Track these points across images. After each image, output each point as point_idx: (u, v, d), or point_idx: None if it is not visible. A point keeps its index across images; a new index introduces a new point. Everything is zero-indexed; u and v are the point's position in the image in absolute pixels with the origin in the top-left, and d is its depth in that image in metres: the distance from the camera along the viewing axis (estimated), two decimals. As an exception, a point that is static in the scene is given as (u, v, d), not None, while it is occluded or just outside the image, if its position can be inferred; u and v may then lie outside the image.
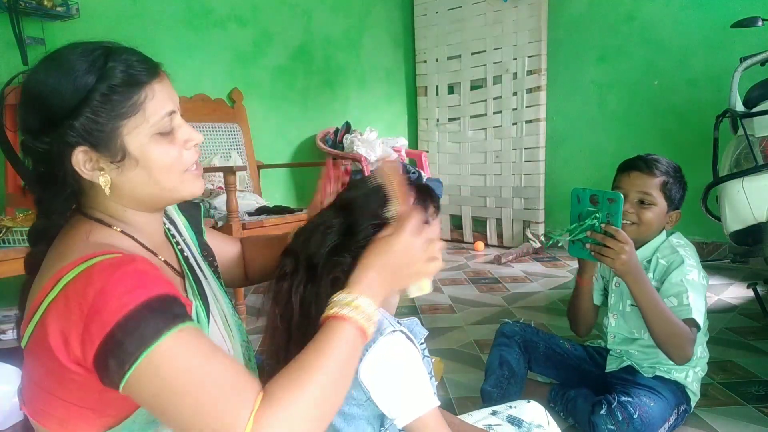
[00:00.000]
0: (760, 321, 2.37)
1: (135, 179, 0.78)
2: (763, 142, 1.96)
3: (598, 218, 1.38)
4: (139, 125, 0.76)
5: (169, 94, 0.80)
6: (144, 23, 2.96)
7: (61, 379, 0.70)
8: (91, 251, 0.71)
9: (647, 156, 1.56)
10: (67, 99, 0.73)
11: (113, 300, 0.65)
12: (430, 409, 0.85)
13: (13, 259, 1.79)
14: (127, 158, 0.76)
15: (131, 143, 0.76)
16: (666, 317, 1.37)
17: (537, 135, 3.91)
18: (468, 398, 1.77)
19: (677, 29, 3.51)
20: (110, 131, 0.75)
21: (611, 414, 1.40)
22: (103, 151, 0.75)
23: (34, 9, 2.40)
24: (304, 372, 0.68)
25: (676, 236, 1.56)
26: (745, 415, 1.63)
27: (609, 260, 1.36)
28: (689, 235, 1.69)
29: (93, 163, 0.76)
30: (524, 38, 3.88)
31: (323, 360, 0.70)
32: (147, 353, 0.63)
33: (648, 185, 1.50)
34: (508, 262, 3.73)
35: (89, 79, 0.73)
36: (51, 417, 0.75)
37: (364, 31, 4.24)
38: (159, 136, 0.78)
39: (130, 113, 0.75)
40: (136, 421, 0.73)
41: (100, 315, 0.64)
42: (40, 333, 0.70)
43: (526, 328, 1.70)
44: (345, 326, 0.74)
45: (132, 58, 0.77)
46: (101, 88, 0.73)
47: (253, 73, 3.54)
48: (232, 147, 3.26)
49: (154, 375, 0.64)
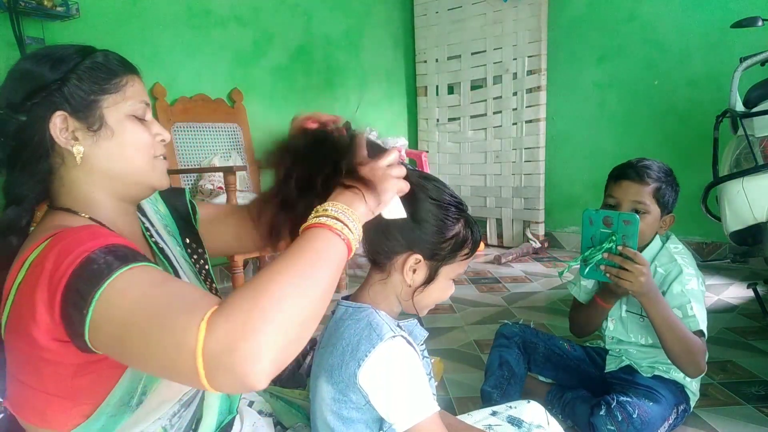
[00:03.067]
0: (760, 321, 2.37)
1: (108, 152, 0.82)
2: (763, 142, 1.96)
3: (614, 240, 1.34)
4: (118, 103, 0.83)
5: (144, 91, 0.88)
6: (144, 23, 2.96)
7: (37, 365, 0.72)
8: (54, 230, 0.73)
9: (638, 162, 1.52)
10: (57, 68, 0.80)
11: (69, 256, 0.67)
12: (429, 415, 0.85)
13: None
14: (103, 128, 0.82)
15: (109, 116, 0.82)
16: (681, 335, 1.37)
17: (537, 135, 3.91)
18: (468, 398, 1.77)
19: (677, 29, 3.51)
20: (92, 101, 0.81)
21: (611, 414, 1.40)
22: (81, 118, 0.80)
23: (34, 9, 2.40)
24: (264, 276, 0.63)
25: (673, 241, 1.55)
26: (745, 415, 1.63)
27: (628, 283, 1.34)
28: (689, 236, 1.69)
29: (69, 132, 0.80)
30: (524, 38, 3.88)
31: (284, 263, 0.65)
32: (101, 292, 0.64)
33: (640, 194, 1.47)
34: (508, 262, 3.73)
35: (78, 57, 0.81)
36: (31, 410, 0.76)
37: (364, 31, 4.24)
38: (135, 118, 0.85)
39: (112, 90, 0.82)
40: (110, 404, 0.75)
41: (57, 272, 0.66)
42: (14, 318, 0.72)
43: (525, 329, 1.70)
44: (312, 231, 0.71)
45: (114, 55, 0.85)
46: (88, 62, 0.81)
47: (253, 73, 3.54)
48: (232, 147, 3.26)
49: (110, 312, 0.64)
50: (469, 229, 0.94)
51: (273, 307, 0.59)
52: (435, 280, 0.93)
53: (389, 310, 0.94)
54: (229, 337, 0.56)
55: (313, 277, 0.65)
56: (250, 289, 0.61)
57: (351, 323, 0.90)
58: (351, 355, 0.86)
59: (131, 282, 0.65)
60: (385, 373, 0.84)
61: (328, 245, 0.69)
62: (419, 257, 0.91)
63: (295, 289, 0.62)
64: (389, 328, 0.87)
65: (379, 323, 0.88)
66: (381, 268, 0.94)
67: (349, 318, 0.91)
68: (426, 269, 0.92)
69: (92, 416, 0.75)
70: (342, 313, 0.94)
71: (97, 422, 0.75)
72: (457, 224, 0.92)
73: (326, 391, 0.89)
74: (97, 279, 0.64)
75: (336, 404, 0.88)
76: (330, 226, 0.70)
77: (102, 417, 0.75)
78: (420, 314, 0.97)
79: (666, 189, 1.50)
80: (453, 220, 0.91)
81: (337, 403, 0.88)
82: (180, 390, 0.83)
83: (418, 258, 0.91)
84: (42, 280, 0.67)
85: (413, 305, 0.95)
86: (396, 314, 0.97)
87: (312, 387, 0.95)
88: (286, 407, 1.09)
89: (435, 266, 0.92)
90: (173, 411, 0.83)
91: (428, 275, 0.92)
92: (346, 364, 0.86)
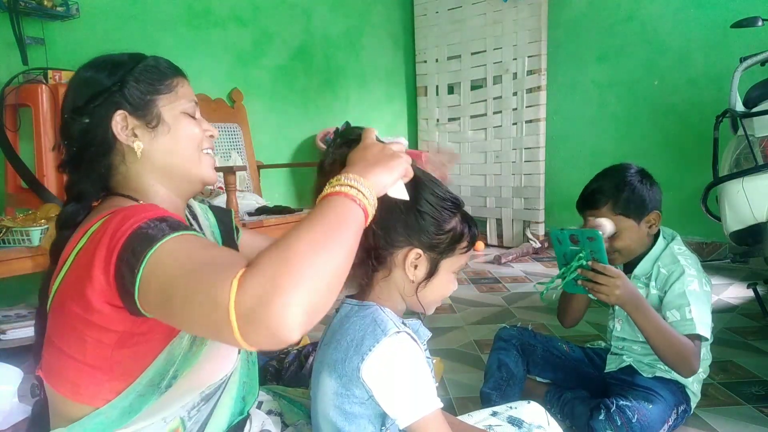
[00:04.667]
0: (760, 321, 2.37)
1: (165, 146, 0.91)
2: (763, 142, 1.96)
3: (582, 257, 1.39)
4: (172, 102, 0.92)
5: (192, 93, 0.97)
6: (144, 23, 2.96)
7: (82, 332, 0.76)
8: (114, 209, 0.79)
9: (586, 189, 1.55)
10: (114, 73, 0.89)
11: (128, 222, 0.73)
12: (432, 411, 0.85)
13: (13, 259, 1.79)
14: (161, 124, 0.90)
15: (166, 113, 0.91)
16: (670, 339, 1.37)
17: (537, 135, 3.91)
18: (468, 398, 1.77)
19: (677, 29, 3.51)
20: (148, 100, 0.90)
21: (610, 419, 1.40)
22: (140, 116, 0.89)
23: (34, 9, 2.40)
24: (290, 237, 0.65)
25: (677, 242, 1.54)
26: (745, 415, 1.63)
27: (604, 296, 1.37)
28: (689, 235, 1.69)
29: (129, 130, 0.88)
30: (524, 38, 3.88)
31: (308, 225, 0.67)
32: (152, 252, 0.69)
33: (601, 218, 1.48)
34: (508, 262, 3.73)
35: (132, 63, 0.91)
36: (64, 380, 0.80)
37: (364, 31, 4.24)
38: (187, 116, 0.94)
39: (165, 90, 0.92)
40: (142, 383, 0.79)
41: (117, 233, 0.73)
42: (69, 282, 0.78)
43: (523, 332, 1.70)
44: (329, 199, 0.73)
45: (164, 60, 0.95)
46: (142, 67, 0.91)
47: (253, 73, 3.54)
48: (232, 147, 3.26)
49: (159, 270, 0.68)
50: (465, 223, 0.96)
51: (302, 263, 0.61)
52: (437, 274, 0.94)
53: (394, 308, 0.95)
54: (261, 291, 0.58)
55: (337, 237, 0.67)
56: (278, 248, 0.63)
57: (356, 320, 0.91)
58: (355, 349, 0.86)
59: (179, 245, 0.70)
60: (388, 368, 0.85)
61: (347, 210, 0.72)
62: (419, 252, 0.92)
63: (321, 247, 0.64)
64: (394, 324, 0.88)
65: (383, 319, 0.89)
66: (381, 265, 0.94)
67: (354, 315, 0.92)
68: (427, 263, 0.93)
69: (122, 393, 0.78)
70: (347, 311, 0.94)
71: (125, 400, 0.79)
72: (455, 218, 0.94)
73: (329, 385, 0.90)
74: (149, 241, 0.70)
75: (339, 399, 0.88)
76: (346, 193, 0.73)
77: (131, 395, 0.79)
78: (427, 312, 0.98)
79: (627, 197, 1.48)
80: (450, 213, 0.94)
81: (340, 397, 0.88)
82: (207, 380, 0.87)
83: (419, 253, 0.92)
84: (103, 242, 0.73)
85: (418, 302, 0.96)
86: (401, 312, 0.97)
87: (313, 383, 0.95)
88: (289, 405, 1.11)
89: (435, 260, 0.93)
90: (194, 403, 0.86)
91: (429, 269, 0.93)
92: (350, 358, 0.86)
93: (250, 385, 1.01)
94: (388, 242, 0.92)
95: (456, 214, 0.95)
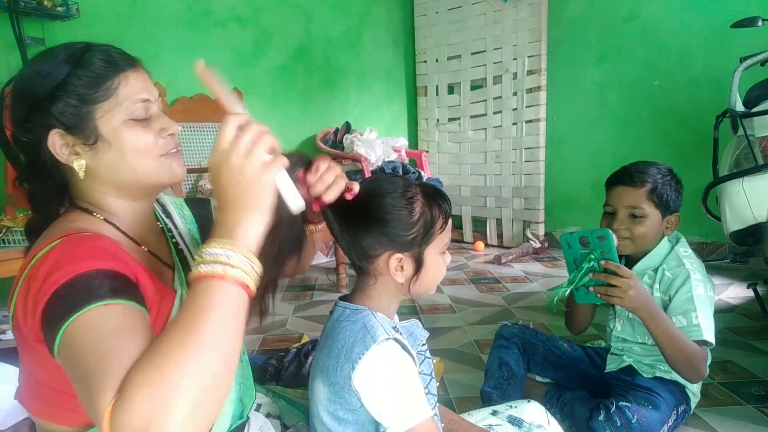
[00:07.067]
0: (760, 321, 2.36)
1: (109, 162, 0.81)
2: (763, 142, 1.96)
3: (593, 258, 1.35)
4: (111, 109, 0.80)
5: (144, 85, 0.84)
6: (144, 23, 2.96)
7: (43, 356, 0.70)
8: (64, 232, 0.75)
9: (632, 167, 1.52)
10: (45, 84, 0.78)
11: (61, 270, 0.67)
12: (422, 420, 0.84)
13: (13, 259, 1.79)
14: (99, 141, 0.80)
15: (104, 126, 0.80)
16: (681, 345, 1.36)
17: (537, 135, 3.91)
18: (468, 398, 1.77)
19: (677, 29, 3.51)
20: (83, 114, 0.79)
21: (609, 419, 1.40)
22: (77, 133, 0.79)
23: (34, 9, 2.40)
24: (159, 346, 0.59)
25: (682, 245, 1.54)
26: (745, 415, 1.63)
27: (618, 299, 1.33)
28: (689, 236, 1.69)
29: (69, 148, 0.80)
30: (524, 38, 3.88)
31: (177, 327, 0.60)
32: (70, 321, 0.64)
33: (636, 198, 1.47)
34: (508, 262, 3.73)
35: (65, 67, 0.78)
36: (41, 406, 0.77)
37: (364, 31, 4.24)
38: (132, 122, 0.81)
39: (103, 98, 0.79)
40: None
41: (45, 283, 0.67)
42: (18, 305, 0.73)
43: (524, 330, 1.70)
44: (196, 286, 0.63)
45: (111, 50, 0.82)
46: (75, 73, 0.78)
47: (253, 73, 3.54)
48: (232, 147, 3.26)
49: (70, 343, 0.63)
50: (429, 201, 0.91)
51: (176, 378, 0.55)
52: (424, 265, 0.92)
53: (387, 310, 0.94)
54: (140, 421, 0.53)
55: (212, 335, 0.59)
56: (149, 364, 0.57)
57: (347, 324, 0.90)
58: (345, 356, 0.86)
59: (94, 323, 0.63)
60: (376, 376, 0.84)
61: (216, 295, 0.62)
62: (399, 255, 0.90)
63: (193, 352, 0.57)
64: (384, 330, 0.87)
65: (374, 326, 0.88)
66: (366, 273, 0.94)
67: (346, 319, 0.91)
68: (411, 260, 0.91)
69: None
70: (339, 314, 0.93)
71: None
72: (417, 204, 0.89)
73: (322, 391, 0.89)
74: (72, 306, 0.64)
75: (332, 405, 0.88)
76: (211, 275, 0.62)
77: None
78: (430, 293, 0.96)
79: (664, 189, 1.48)
80: (410, 202, 0.89)
81: (333, 404, 0.88)
82: None
83: (399, 257, 0.90)
84: (33, 289, 0.69)
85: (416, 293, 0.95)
86: (392, 314, 0.97)
87: (310, 387, 0.95)
88: (288, 407, 1.10)
89: (418, 253, 0.91)
90: None
91: (415, 264, 0.91)
92: (341, 365, 0.86)
93: (246, 386, 0.99)
94: (363, 256, 0.90)
95: (416, 199, 0.89)
